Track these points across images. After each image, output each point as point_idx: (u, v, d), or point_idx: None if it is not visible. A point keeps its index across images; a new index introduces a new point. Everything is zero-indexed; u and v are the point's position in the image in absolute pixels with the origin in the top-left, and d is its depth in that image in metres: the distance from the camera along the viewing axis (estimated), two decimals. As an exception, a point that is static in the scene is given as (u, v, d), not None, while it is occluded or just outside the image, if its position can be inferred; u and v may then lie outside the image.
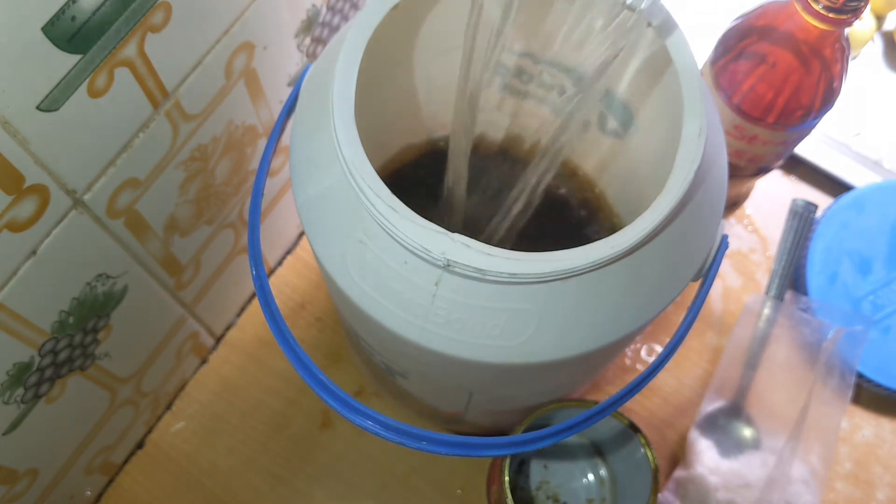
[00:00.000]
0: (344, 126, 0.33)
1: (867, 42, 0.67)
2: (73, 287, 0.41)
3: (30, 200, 0.35)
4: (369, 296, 0.35)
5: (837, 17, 0.45)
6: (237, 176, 0.50)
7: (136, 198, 0.42)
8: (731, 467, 0.54)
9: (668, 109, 0.39)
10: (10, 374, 0.39)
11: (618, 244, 0.32)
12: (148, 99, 0.39)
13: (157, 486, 0.56)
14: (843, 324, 0.56)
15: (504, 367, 0.35)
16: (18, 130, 0.32)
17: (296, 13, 0.47)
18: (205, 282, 0.54)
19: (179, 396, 0.59)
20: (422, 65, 0.45)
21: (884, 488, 0.58)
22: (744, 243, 0.65)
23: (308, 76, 0.40)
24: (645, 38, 0.38)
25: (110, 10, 0.34)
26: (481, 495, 0.56)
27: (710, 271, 0.38)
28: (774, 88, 0.49)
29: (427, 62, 0.44)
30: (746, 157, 0.55)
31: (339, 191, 0.35)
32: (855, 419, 0.60)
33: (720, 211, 0.38)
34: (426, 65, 0.44)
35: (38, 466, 0.46)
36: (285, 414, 0.58)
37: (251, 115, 0.48)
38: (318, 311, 0.61)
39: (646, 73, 0.40)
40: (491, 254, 0.31)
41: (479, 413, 0.50)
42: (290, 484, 0.57)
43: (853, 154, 0.65)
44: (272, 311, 0.37)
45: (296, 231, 0.64)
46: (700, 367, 0.61)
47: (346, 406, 0.36)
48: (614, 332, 0.35)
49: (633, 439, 0.49)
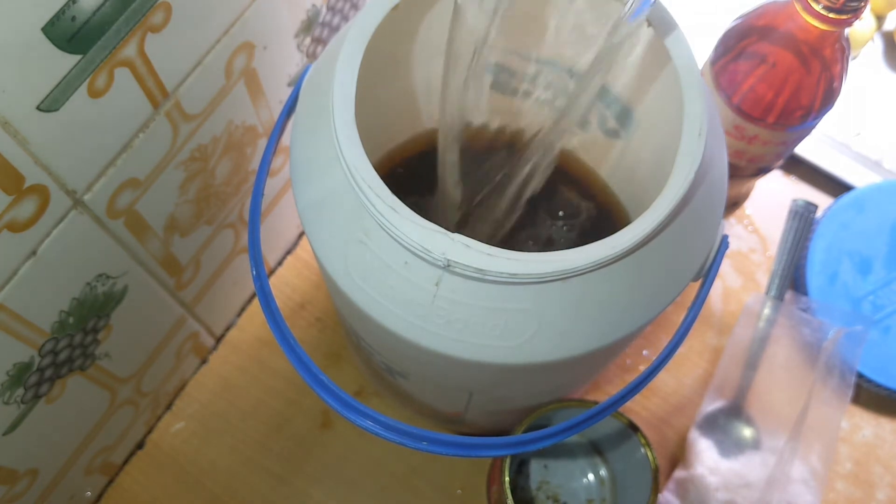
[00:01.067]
0: (344, 126, 0.33)
1: (867, 42, 0.67)
2: (73, 287, 0.41)
3: (30, 201, 0.35)
4: (369, 296, 0.35)
5: (837, 18, 0.45)
6: (237, 176, 0.50)
7: (136, 198, 0.42)
8: (731, 467, 0.54)
9: (668, 109, 0.39)
10: (10, 375, 0.39)
11: (618, 244, 0.32)
12: (148, 99, 0.39)
13: (157, 486, 0.56)
14: (843, 324, 0.56)
15: (504, 367, 0.35)
16: (18, 130, 0.32)
17: (296, 13, 0.47)
18: (205, 282, 0.54)
19: (179, 396, 0.59)
20: (422, 64, 0.45)
21: (884, 488, 0.58)
22: (744, 243, 0.65)
23: (308, 76, 0.40)
24: (645, 38, 0.38)
25: (110, 11, 0.34)
26: (481, 495, 0.56)
27: (710, 271, 0.38)
28: (774, 88, 0.49)
29: (427, 61, 0.44)
30: (746, 157, 0.55)
31: (340, 191, 0.35)
32: (855, 419, 0.60)
33: (720, 211, 0.38)
34: (426, 64, 0.44)
35: (38, 466, 0.46)
36: (285, 414, 0.58)
37: (251, 115, 0.48)
38: (318, 311, 0.61)
39: (646, 73, 0.40)
40: (491, 254, 0.31)
41: (480, 413, 0.50)
42: (290, 484, 0.57)
43: (853, 154, 0.65)
44: (272, 311, 0.37)
45: (296, 231, 0.64)
46: (700, 367, 0.61)
47: (347, 406, 0.36)
48: (614, 332, 0.35)
49: (633, 439, 0.49)
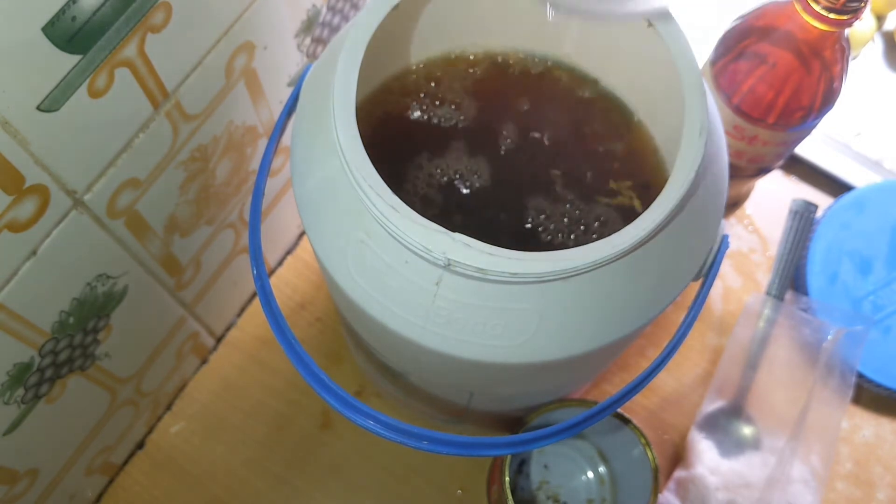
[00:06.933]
0: (345, 126, 0.33)
1: (867, 42, 0.67)
2: (73, 287, 0.41)
3: (30, 201, 0.35)
4: (370, 295, 0.35)
5: (837, 18, 0.45)
6: (237, 176, 0.50)
7: (136, 198, 0.42)
8: (731, 467, 0.54)
9: (668, 109, 0.39)
10: (10, 375, 0.39)
11: (619, 243, 0.32)
12: (148, 99, 0.39)
13: (157, 487, 0.56)
14: (843, 324, 0.56)
15: (505, 366, 0.35)
16: (18, 131, 0.32)
17: (296, 13, 0.47)
18: (205, 282, 0.54)
19: (179, 396, 0.59)
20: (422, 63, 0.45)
21: (884, 488, 0.58)
22: (744, 243, 0.65)
23: (309, 76, 0.40)
24: (645, 38, 0.38)
25: (110, 11, 0.34)
26: (481, 495, 0.56)
27: (711, 271, 0.38)
28: (774, 89, 0.49)
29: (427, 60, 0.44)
30: (746, 157, 0.55)
31: (340, 191, 0.35)
32: (855, 419, 0.60)
33: (720, 211, 0.38)
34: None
35: (38, 467, 0.46)
36: (286, 414, 0.58)
37: (251, 115, 0.48)
38: (318, 311, 0.61)
39: (645, 73, 0.40)
40: (492, 253, 0.31)
41: (480, 413, 0.50)
42: (291, 484, 0.57)
43: (853, 154, 0.65)
44: (273, 311, 0.37)
45: (296, 231, 0.64)
46: (700, 367, 0.61)
47: (347, 406, 0.36)
48: (615, 332, 0.35)
49: (633, 439, 0.49)
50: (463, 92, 0.44)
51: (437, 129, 0.44)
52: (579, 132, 0.44)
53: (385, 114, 0.44)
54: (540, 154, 0.43)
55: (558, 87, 0.45)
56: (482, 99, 0.45)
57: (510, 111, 0.44)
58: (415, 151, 0.43)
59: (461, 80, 0.45)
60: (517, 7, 0.43)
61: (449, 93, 0.44)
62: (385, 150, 0.37)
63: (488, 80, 0.45)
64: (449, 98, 0.44)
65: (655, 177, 0.42)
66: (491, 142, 0.44)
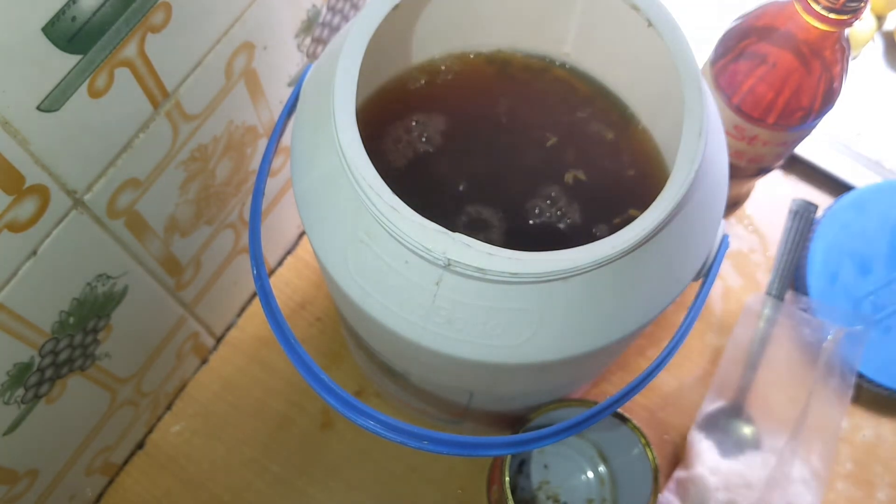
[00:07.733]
0: (345, 126, 0.33)
1: (867, 42, 0.67)
2: (73, 287, 0.41)
3: (30, 201, 0.35)
4: (370, 295, 0.35)
5: (837, 18, 0.45)
6: (237, 176, 0.50)
7: (136, 198, 0.42)
8: (731, 467, 0.54)
9: (668, 109, 0.39)
10: (10, 375, 0.39)
11: (618, 244, 0.32)
12: (148, 99, 0.39)
13: (157, 487, 0.56)
14: (843, 324, 0.56)
15: (505, 366, 0.35)
16: (18, 130, 0.32)
17: (296, 13, 0.47)
18: (205, 282, 0.54)
19: (179, 397, 0.59)
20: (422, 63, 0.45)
21: (884, 488, 0.58)
22: (744, 243, 0.65)
23: (309, 76, 0.40)
24: (645, 38, 0.38)
25: (110, 11, 0.34)
26: (481, 495, 0.56)
27: (711, 271, 0.38)
28: (774, 89, 0.49)
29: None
30: (746, 157, 0.55)
31: (340, 191, 0.35)
32: (855, 419, 0.60)
33: (720, 211, 0.38)
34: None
35: (38, 467, 0.46)
36: (286, 414, 0.58)
37: (251, 115, 0.48)
38: (318, 311, 0.62)
39: (645, 73, 0.40)
40: (492, 253, 0.31)
41: (480, 413, 0.50)
42: (291, 484, 0.57)
43: (853, 154, 0.65)
44: (273, 310, 0.37)
45: (296, 231, 0.64)
46: (700, 367, 0.61)
47: (348, 406, 0.36)
48: (615, 332, 0.35)
49: (633, 439, 0.49)
50: (463, 92, 0.45)
51: (437, 129, 0.44)
52: (579, 132, 0.44)
53: (385, 114, 0.44)
54: (540, 154, 0.43)
55: (558, 87, 0.45)
56: (482, 99, 0.45)
57: (510, 111, 0.45)
58: (415, 151, 0.43)
59: (461, 80, 0.45)
60: (517, 7, 0.43)
61: (449, 93, 0.44)
62: (385, 150, 0.37)
63: (488, 79, 0.45)
64: (449, 98, 0.44)
65: (655, 177, 0.42)
66: (491, 142, 0.44)
